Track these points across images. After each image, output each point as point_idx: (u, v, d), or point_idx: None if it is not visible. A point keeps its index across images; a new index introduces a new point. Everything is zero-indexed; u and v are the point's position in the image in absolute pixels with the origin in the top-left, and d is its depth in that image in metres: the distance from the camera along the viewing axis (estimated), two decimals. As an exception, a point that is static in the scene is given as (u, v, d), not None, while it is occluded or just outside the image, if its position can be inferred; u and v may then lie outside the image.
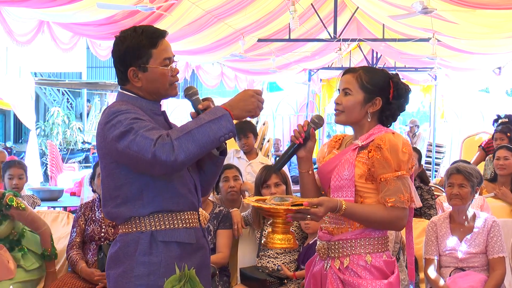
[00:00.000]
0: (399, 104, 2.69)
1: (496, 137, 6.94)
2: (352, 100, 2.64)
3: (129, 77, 2.50)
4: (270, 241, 2.53)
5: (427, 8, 6.85)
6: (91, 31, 8.44)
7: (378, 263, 2.58)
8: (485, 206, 4.80)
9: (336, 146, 2.80)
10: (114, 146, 2.36)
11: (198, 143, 2.31)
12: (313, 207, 2.44)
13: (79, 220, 4.32)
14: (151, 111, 2.52)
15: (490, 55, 11.24)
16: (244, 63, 13.19)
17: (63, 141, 20.92)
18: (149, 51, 2.47)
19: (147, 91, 2.52)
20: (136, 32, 2.49)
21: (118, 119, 2.36)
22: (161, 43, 2.50)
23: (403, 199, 2.53)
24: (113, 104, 2.49)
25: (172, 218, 2.48)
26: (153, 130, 2.34)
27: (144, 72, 2.48)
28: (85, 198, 7.15)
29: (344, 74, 2.71)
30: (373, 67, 2.81)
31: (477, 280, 3.80)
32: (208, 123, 2.33)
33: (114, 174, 2.45)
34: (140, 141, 2.29)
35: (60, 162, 12.55)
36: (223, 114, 2.36)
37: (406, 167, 2.55)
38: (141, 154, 2.29)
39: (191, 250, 2.53)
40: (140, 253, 2.44)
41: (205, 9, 8.61)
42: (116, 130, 2.34)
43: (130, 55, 2.48)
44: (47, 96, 23.79)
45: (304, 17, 10.42)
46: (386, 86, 2.66)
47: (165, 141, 2.28)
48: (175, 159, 2.27)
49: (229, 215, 4.28)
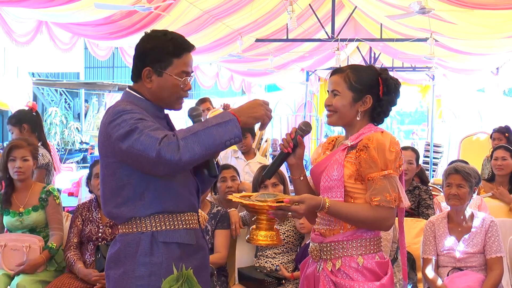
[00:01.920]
0: (389, 99, 2.65)
1: (494, 137, 6.95)
2: (341, 101, 2.62)
3: (143, 75, 2.50)
4: (253, 237, 2.55)
5: (425, 8, 6.87)
6: (89, 31, 8.44)
7: (370, 264, 2.56)
8: (483, 206, 4.80)
9: (330, 147, 2.78)
10: (118, 145, 2.35)
11: (204, 144, 2.29)
12: (295, 205, 2.45)
13: (77, 220, 4.31)
14: (154, 114, 2.52)
15: (488, 55, 11.26)
16: (242, 64, 13.19)
17: (61, 141, 20.93)
18: (171, 58, 2.47)
19: (154, 95, 2.52)
20: (166, 36, 2.50)
21: (123, 118, 2.36)
22: (185, 56, 2.51)
23: (389, 198, 2.50)
24: (118, 104, 2.48)
25: (173, 219, 2.48)
26: (158, 130, 2.33)
27: (158, 76, 2.49)
28: (82, 198, 7.17)
29: (332, 75, 2.69)
30: (361, 65, 2.76)
31: (475, 279, 3.80)
32: (215, 126, 2.32)
33: (116, 174, 2.45)
34: (145, 139, 2.28)
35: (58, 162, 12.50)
36: (230, 119, 2.35)
37: (393, 166, 2.52)
38: (146, 152, 2.28)
39: (191, 251, 2.53)
40: (141, 253, 2.44)
41: (203, 9, 8.62)
42: (121, 130, 2.34)
43: (151, 55, 2.48)
44: (45, 96, 23.80)
45: (302, 18, 10.42)
46: (375, 83, 2.63)
47: (170, 140, 2.27)
48: (179, 158, 2.26)
49: (227, 215, 4.28)
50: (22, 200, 4.34)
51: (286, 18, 8.78)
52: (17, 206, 4.32)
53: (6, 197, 4.33)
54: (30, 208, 4.31)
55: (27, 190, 4.37)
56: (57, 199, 4.39)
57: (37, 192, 4.37)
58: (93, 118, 21.57)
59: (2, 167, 4.33)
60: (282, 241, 2.70)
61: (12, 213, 4.30)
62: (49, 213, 4.35)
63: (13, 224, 4.31)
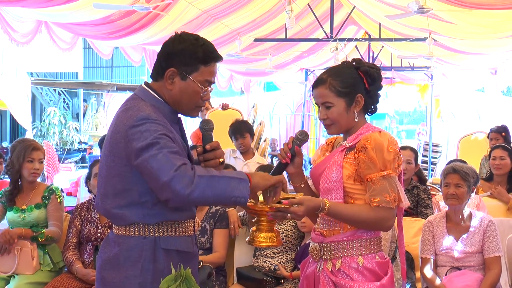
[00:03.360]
0: (376, 86, 2.64)
1: (491, 136, 6.96)
2: (336, 111, 2.60)
3: (166, 75, 2.46)
4: (254, 239, 2.55)
5: (423, 8, 6.88)
6: (88, 31, 8.44)
7: (370, 264, 2.56)
8: (481, 205, 4.81)
9: (329, 149, 2.77)
10: (135, 153, 2.32)
11: (215, 190, 2.30)
12: (294, 206, 2.45)
13: (75, 220, 4.31)
14: (170, 118, 2.49)
15: (486, 55, 11.27)
16: (241, 64, 13.19)
17: (60, 141, 20.92)
18: (199, 65, 2.45)
19: (173, 98, 2.48)
20: (197, 41, 2.47)
21: (147, 128, 2.32)
22: (212, 65, 2.48)
23: (389, 199, 2.50)
24: (141, 107, 2.41)
25: (174, 226, 2.48)
26: (177, 154, 2.31)
27: (181, 80, 2.45)
28: (81, 198, 7.16)
29: (315, 88, 2.66)
30: (337, 67, 2.73)
31: (473, 279, 3.81)
32: (231, 178, 2.34)
33: (122, 176, 2.41)
34: (162, 159, 2.26)
35: (57, 162, 12.55)
36: (245, 179, 2.36)
37: (392, 166, 2.52)
38: (158, 173, 2.26)
39: (188, 258, 2.53)
40: (146, 260, 2.42)
41: (201, 9, 8.62)
42: (142, 140, 2.30)
43: (180, 57, 2.44)
44: (44, 96, 23.78)
45: (301, 17, 10.43)
46: (358, 79, 2.60)
47: (188, 172, 2.26)
48: (189, 194, 2.25)
49: (225, 215, 4.29)
50: (26, 198, 4.39)
51: (284, 18, 8.78)
52: (21, 204, 4.37)
53: (11, 197, 4.36)
54: (33, 205, 4.35)
55: (32, 190, 4.42)
56: (59, 198, 4.43)
57: (41, 191, 4.42)
58: (91, 118, 21.51)
59: (16, 167, 4.34)
60: (282, 242, 2.71)
61: (15, 209, 4.35)
62: (49, 210, 4.38)
63: (15, 220, 4.34)
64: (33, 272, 4.21)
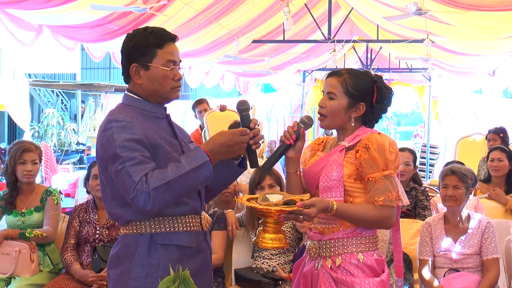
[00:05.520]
0: (381, 107, 2.71)
1: (489, 138, 6.97)
2: (336, 105, 2.65)
3: (131, 73, 2.52)
4: (261, 241, 2.53)
5: (421, 10, 6.89)
6: (84, 34, 8.44)
7: (370, 261, 2.61)
8: (479, 207, 4.81)
9: (320, 148, 2.81)
10: (106, 162, 2.42)
11: (175, 193, 2.36)
12: (306, 208, 2.46)
13: (74, 222, 4.30)
14: (153, 114, 2.53)
15: (484, 56, 11.29)
16: (239, 65, 13.19)
17: (58, 142, 20.90)
18: (154, 50, 2.50)
19: (147, 91, 2.53)
20: (145, 31, 2.53)
21: (111, 133, 2.39)
22: (168, 46, 2.52)
23: (392, 197, 2.56)
24: (113, 111, 2.51)
25: (173, 221, 2.49)
26: (139, 165, 2.35)
27: (146, 70, 2.50)
28: (79, 199, 7.15)
29: (329, 77, 2.71)
30: (358, 70, 2.80)
31: (471, 281, 3.81)
32: (188, 172, 2.36)
33: (111, 178, 2.46)
34: (124, 176, 2.35)
35: (54, 164, 12.52)
36: (204, 162, 2.38)
37: (393, 166, 2.58)
38: (123, 190, 2.38)
39: (191, 254, 2.53)
40: (139, 255, 2.45)
41: (197, 10, 8.61)
42: (109, 150, 2.39)
43: (135, 52, 2.50)
44: (41, 97, 23.76)
45: (299, 19, 10.42)
46: (371, 91, 2.67)
47: (143, 189, 2.31)
48: (151, 209, 2.34)
49: (223, 216, 4.28)
50: (26, 201, 4.39)
51: (281, 18, 8.78)
52: (20, 207, 4.37)
53: (10, 200, 4.36)
54: (32, 208, 4.36)
55: (31, 193, 4.42)
56: (55, 199, 4.43)
57: (40, 193, 4.42)
58: (89, 119, 21.51)
59: (9, 170, 4.34)
60: (288, 244, 2.70)
61: (14, 212, 4.35)
62: (45, 210, 4.39)
63: (15, 223, 4.34)
64: (31, 274, 4.21)
